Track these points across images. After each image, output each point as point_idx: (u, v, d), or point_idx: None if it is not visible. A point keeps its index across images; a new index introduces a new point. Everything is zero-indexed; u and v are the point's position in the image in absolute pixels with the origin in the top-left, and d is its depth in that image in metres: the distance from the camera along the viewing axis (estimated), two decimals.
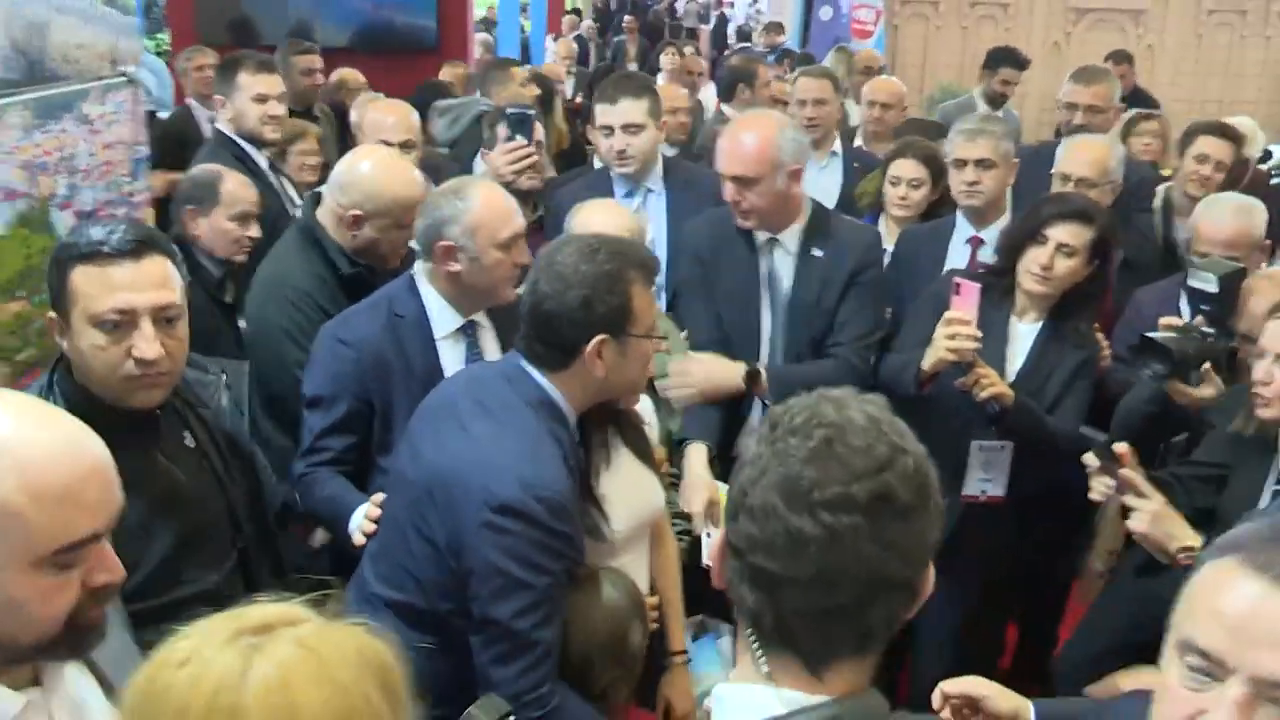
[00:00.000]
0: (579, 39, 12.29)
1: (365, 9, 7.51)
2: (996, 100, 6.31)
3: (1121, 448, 2.40)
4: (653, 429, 2.53)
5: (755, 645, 1.21)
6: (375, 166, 2.89)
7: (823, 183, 4.45)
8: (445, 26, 7.60)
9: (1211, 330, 2.92)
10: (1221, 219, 3.31)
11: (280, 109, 4.15)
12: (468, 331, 2.65)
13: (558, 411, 2.06)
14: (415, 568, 2.09)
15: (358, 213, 2.84)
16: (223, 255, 3.35)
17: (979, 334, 2.81)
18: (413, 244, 2.62)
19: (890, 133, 5.01)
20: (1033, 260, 2.94)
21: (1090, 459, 2.45)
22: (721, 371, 3.01)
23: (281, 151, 4.24)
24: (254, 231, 3.39)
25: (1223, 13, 10.39)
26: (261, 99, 4.04)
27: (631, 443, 2.30)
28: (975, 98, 6.45)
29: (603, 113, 3.56)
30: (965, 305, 2.85)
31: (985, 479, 3.05)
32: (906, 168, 3.90)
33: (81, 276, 1.86)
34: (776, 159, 2.98)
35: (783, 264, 3.12)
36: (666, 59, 8.54)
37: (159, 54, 8.24)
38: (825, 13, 10.83)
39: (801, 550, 1.13)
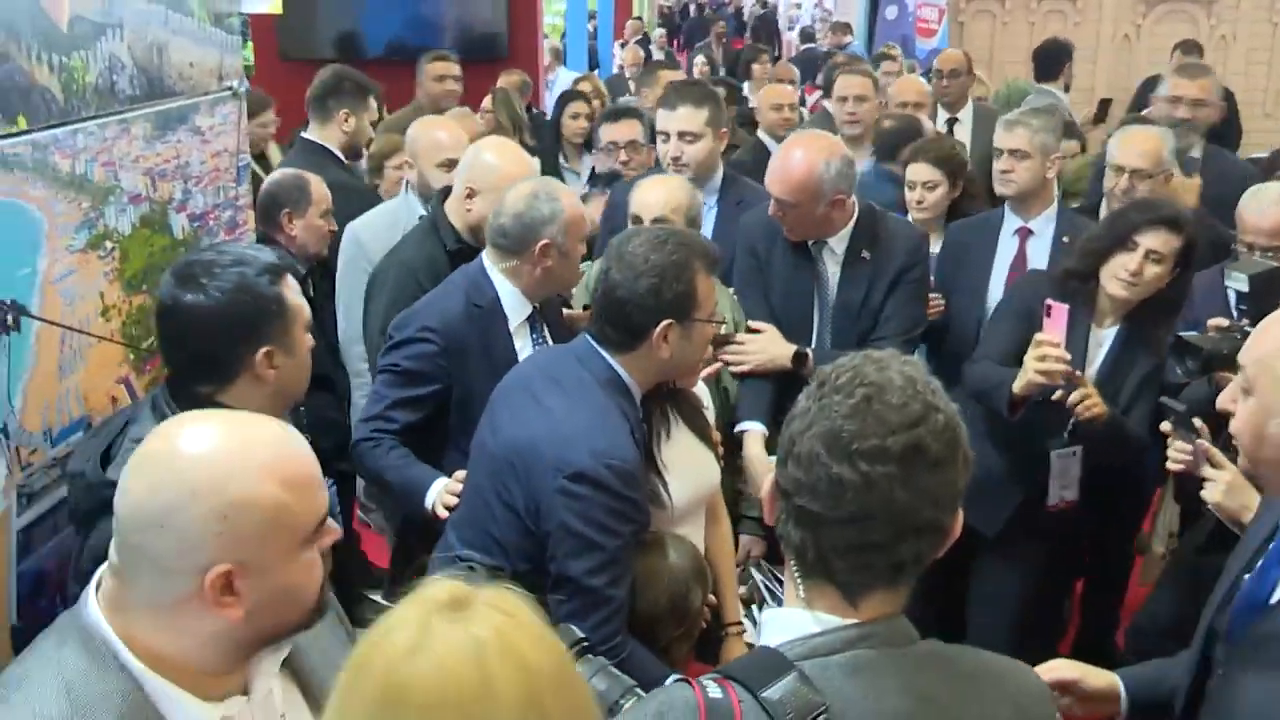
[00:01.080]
0: (642, 43, 12.45)
1: (440, 18, 7.76)
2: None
3: (1198, 421, 2.45)
4: (710, 411, 2.70)
5: (797, 576, 1.36)
6: (492, 149, 3.21)
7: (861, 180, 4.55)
8: (515, 34, 7.83)
9: (1250, 328, 2.94)
10: (1264, 209, 3.36)
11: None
12: (534, 319, 2.87)
13: (625, 388, 2.25)
14: (498, 532, 2.27)
15: (471, 187, 3.10)
16: (314, 251, 3.68)
17: (1068, 356, 2.86)
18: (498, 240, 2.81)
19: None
20: (1120, 266, 2.99)
21: (1168, 427, 2.50)
22: (775, 348, 3.18)
23: (379, 166, 4.45)
24: (333, 225, 3.73)
25: None
26: (375, 124, 4.49)
27: (690, 421, 2.48)
28: (1055, 93, 6.58)
29: (663, 118, 3.66)
30: (1055, 328, 2.92)
31: (1063, 486, 3.13)
32: (919, 171, 3.97)
33: (290, 293, 2.08)
34: (819, 189, 3.11)
35: (831, 266, 3.26)
36: (758, 67, 8.70)
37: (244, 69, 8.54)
38: (891, 11, 10.89)
39: (841, 494, 1.28)
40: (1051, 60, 6.89)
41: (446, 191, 3.29)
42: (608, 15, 14.38)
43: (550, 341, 2.87)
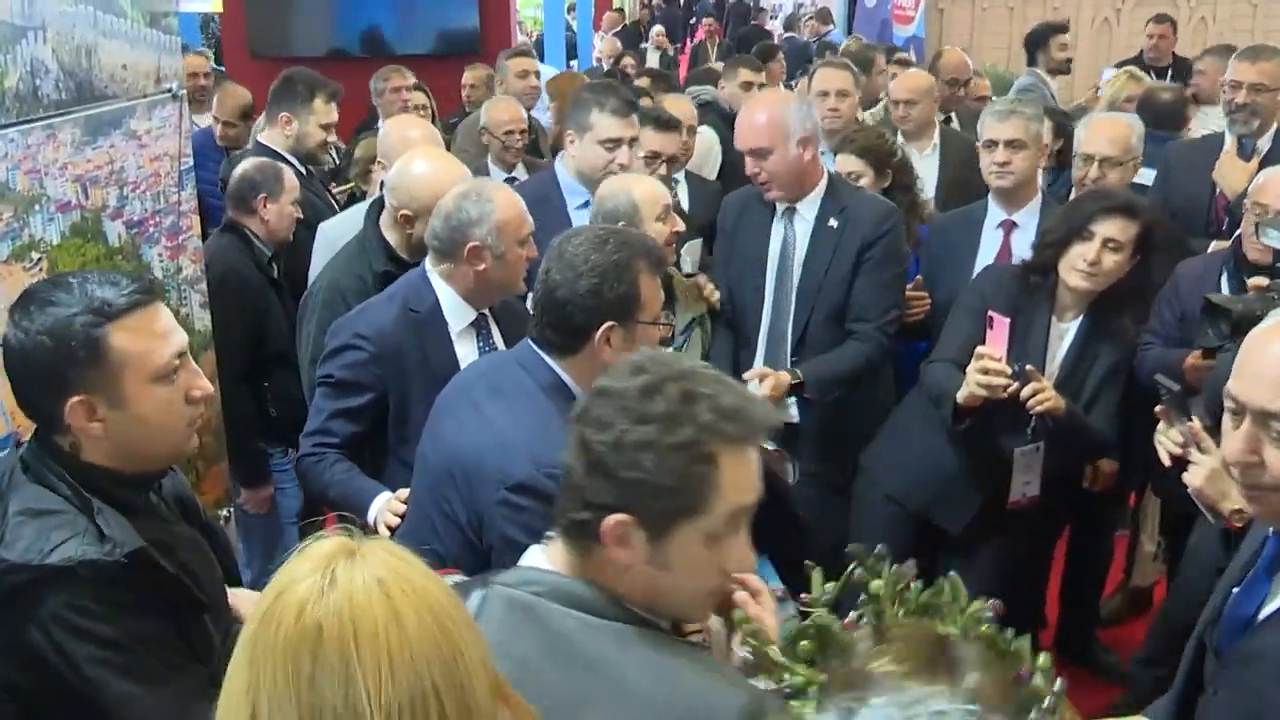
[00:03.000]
0: (622, 34, 12.36)
1: (409, 12, 7.68)
2: (1063, 69, 6.35)
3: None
4: None
5: None
6: (423, 167, 3.02)
7: None
8: (488, 29, 7.74)
9: None
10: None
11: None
12: (480, 325, 2.78)
13: (569, 393, 2.17)
14: (442, 547, 2.19)
15: (407, 213, 2.97)
16: (284, 236, 3.78)
17: (1009, 370, 2.81)
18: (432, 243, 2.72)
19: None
20: (1078, 256, 2.92)
21: (1161, 408, 2.40)
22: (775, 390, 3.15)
23: (365, 170, 4.35)
24: (299, 214, 3.80)
25: None
26: (328, 128, 4.31)
27: None
28: (1040, 76, 6.37)
29: (614, 126, 3.47)
30: (997, 341, 2.87)
31: (1025, 482, 3.08)
32: (845, 162, 3.85)
33: (125, 337, 1.74)
34: (785, 127, 3.21)
35: (801, 232, 3.31)
36: (775, 65, 8.61)
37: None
38: (870, 0, 10.81)
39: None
40: (1031, 44, 6.73)
41: (381, 204, 3.17)
42: (587, 6, 14.30)
43: (504, 348, 2.78)
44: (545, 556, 1.49)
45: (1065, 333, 3.05)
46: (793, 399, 3.25)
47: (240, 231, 3.71)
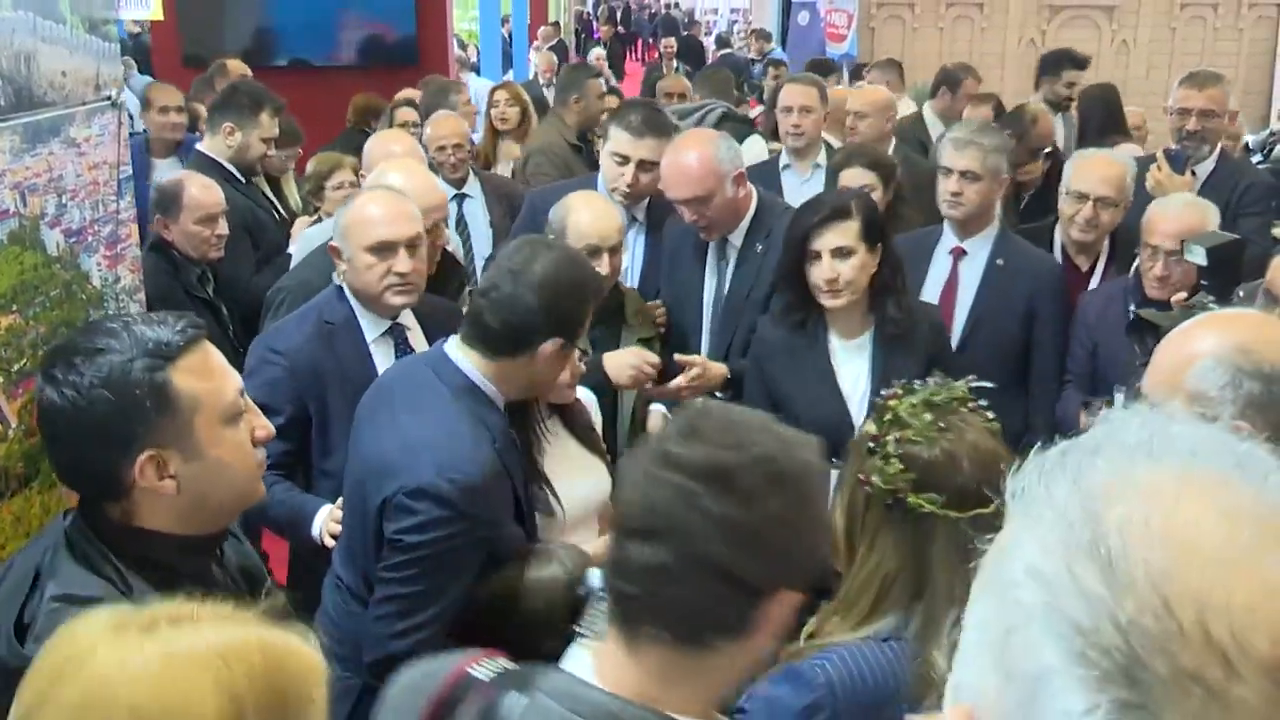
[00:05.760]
0: (557, 48, 12.40)
1: (344, 23, 7.64)
2: (1061, 105, 5.95)
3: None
4: (595, 414, 2.67)
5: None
6: (396, 175, 3.09)
7: (807, 195, 4.34)
8: (424, 39, 7.72)
9: (1214, 303, 2.74)
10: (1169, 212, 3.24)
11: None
12: (395, 333, 2.78)
13: (483, 396, 2.17)
14: (362, 554, 2.22)
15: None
16: (204, 254, 3.70)
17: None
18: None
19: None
20: (818, 278, 2.78)
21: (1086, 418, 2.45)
22: (711, 372, 3.16)
23: (319, 187, 4.28)
24: (221, 230, 3.72)
25: (1196, 5, 10.52)
26: (269, 142, 4.30)
27: (575, 431, 2.44)
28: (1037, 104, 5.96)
29: (625, 142, 3.47)
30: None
31: None
32: (854, 176, 3.84)
33: (189, 379, 1.58)
34: (720, 170, 3.14)
35: (730, 259, 3.31)
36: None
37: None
38: (803, 18, 10.98)
39: (644, 501, 1.25)
40: (1041, 69, 6.26)
41: None
42: (523, 18, 14.30)
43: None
44: (592, 661, 1.29)
45: (856, 351, 2.90)
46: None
47: (166, 251, 3.67)
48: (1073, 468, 0.67)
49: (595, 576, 1.62)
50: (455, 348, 2.21)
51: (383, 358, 2.75)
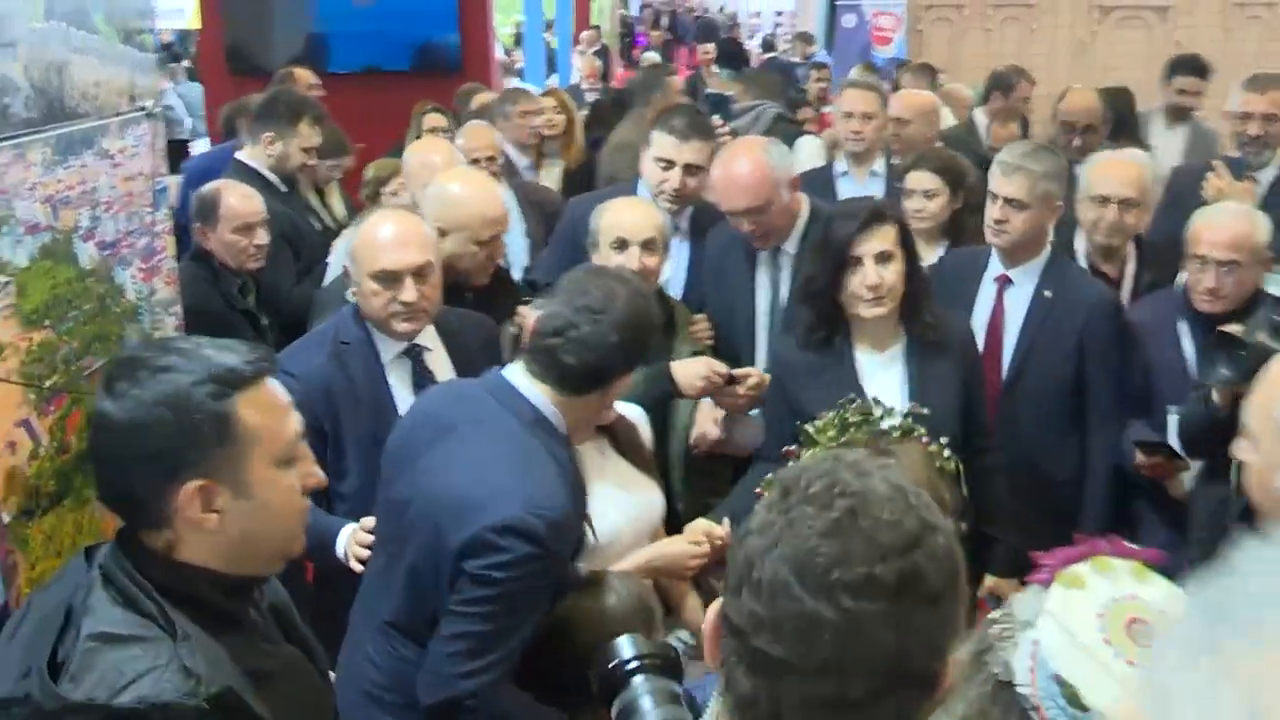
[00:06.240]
0: (601, 53, 12.34)
1: (388, 30, 7.62)
2: (1180, 113, 5.64)
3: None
4: (646, 432, 2.62)
5: None
6: (458, 184, 3.08)
7: None
8: (468, 44, 7.69)
9: None
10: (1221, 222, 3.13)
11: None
12: (412, 354, 2.71)
13: (552, 429, 2.12)
14: (433, 592, 2.12)
15: (440, 226, 2.92)
16: (243, 264, 3.68)
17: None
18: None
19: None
20: (858, 285, 2.67)
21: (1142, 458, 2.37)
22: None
23: (376, 192, 4.31)
24: (260, 239, 3.68)
25: (1252, 6, 10.27)
26: (309, 151, 4.28)
27: (627, 451, 2.37)
28: (1153, 114, 5.79)
29: (670, 146, 3.42)
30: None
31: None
32: (919, 179, 3.81)
33: (251, 412, 1.51)
34: (774, 177, 3.10)
35: (785, 268, 3.26)
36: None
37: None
38: (849, 20, 10.87)
39: (815, 636, 1.02)
40: (1168, 72, 5.86)
41: None
42: (566, 23, 14.26)
43: (448, 374, 2.73)
44: None
45: (886, 363, 2.79)
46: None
47: (206, 260, 3.65)
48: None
49: (625, 646, 1.52)
50: (523, 378, 2.14)
51: (399, 379, 2.69)
